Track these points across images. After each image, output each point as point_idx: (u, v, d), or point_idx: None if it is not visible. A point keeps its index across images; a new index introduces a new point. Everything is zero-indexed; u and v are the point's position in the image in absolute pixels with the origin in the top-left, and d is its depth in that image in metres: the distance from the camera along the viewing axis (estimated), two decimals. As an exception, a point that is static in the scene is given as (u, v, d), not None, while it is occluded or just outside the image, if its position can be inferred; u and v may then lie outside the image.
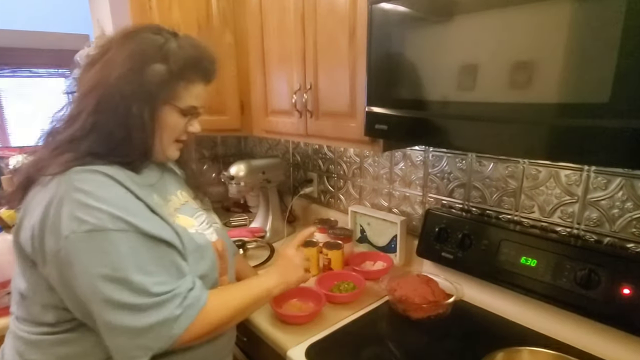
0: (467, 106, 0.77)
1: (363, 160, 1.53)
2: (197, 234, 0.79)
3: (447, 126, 0.81)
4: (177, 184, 0.89)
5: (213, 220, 0.89)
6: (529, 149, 0.73)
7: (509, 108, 0.72)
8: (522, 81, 0.69)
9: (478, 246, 1.12)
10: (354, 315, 1.09)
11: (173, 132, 0.78)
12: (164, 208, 0.76)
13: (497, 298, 1.10)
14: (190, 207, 0.86)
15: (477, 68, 0.75)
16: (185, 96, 0.75)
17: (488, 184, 1.16)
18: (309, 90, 1.17)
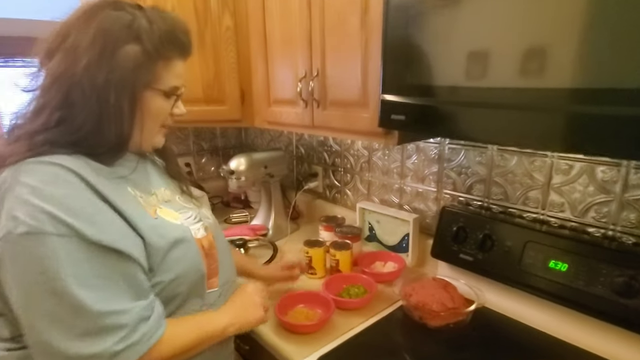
0: (501, 93, 0.67)
1: (372, 154, 1.43)
2: (179, 226, 0.71)
3: (478, 116, 0.71)
4: (161, 179, 0.81)
5: (203, 215, 0.81)
6: (574, 142, 0.63)
7: (549, 94, 0.62)
8: (566, 62, 0.59)
9: (501, 248, 1.02)
10: (365, 323, 1.00)
11: (158, 117, 0.72)
12: (143, 200, 0.69)
13: (522, 305, 1.01)
14: (177, 204, 0.78)
15: (511, 48, 0.65)
16: (166, 77, 0.69)
17: (511, 179, 1.06)
18: (316, 77, 1.07)
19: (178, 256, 0.67)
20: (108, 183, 0.63)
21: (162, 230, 0.66)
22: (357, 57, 0.96)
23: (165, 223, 0.69)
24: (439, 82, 0.75)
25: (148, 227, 0.64)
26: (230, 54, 1.35)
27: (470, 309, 0.96)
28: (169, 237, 0.67)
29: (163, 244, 0.65)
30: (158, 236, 0.65)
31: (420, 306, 0.97)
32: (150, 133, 0.73)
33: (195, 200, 0.86)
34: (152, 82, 0.67)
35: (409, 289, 1.04)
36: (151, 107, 0.68)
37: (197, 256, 0.71)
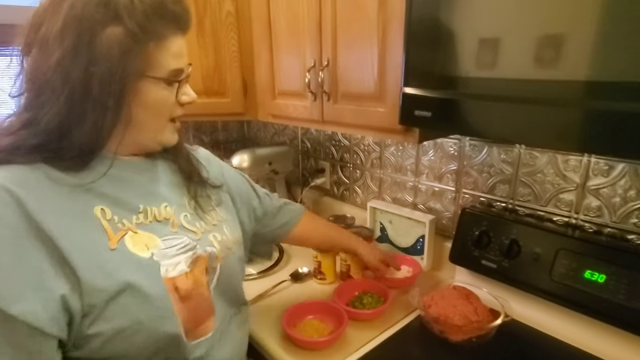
0: (560, 87, 0.57)
1: (383, 149, 1.33)
2: (144, 261, 0.57)
3: (528, 115, 0.61)
4: (171, 189, 0.68)
5: (205, 241, 0.67)
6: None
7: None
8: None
9: (529, 255, 0.93)
10: (381, 337, 0.92)
11: (162, 111, 0.61)
12: (110, 223, 0.56)
13: (552, 317, 0.92)
14: (169, 226, 0.64)
15: (581, 31, 0.55)
16: (162, 59, 0.57)
17: (540, 179, 0.96)
18: (326, 67, 0.97)
19: (128, 302, 0.54)
20: (65, 200, 0.53)
21: (112, 267, 0.54)
22: (373, 44, 0.86)
23: (123, 257, 0.55)
24: (476, 73, 0.65)
25: (92, 262, 0.52)
26: (231, 42, 1.25)
27: (497, 323, 0.87)
28: (119, 278, 0.53)
29: (108, 285, 0.52)
30: (104, 275, 0.52)
31: (442, 320, 0.88)
32: (156, 129, 0.62)
33: (210, 214, 0.72)
34: (145, 69, 0.55)
35: (427, 299, 0.96)
36: (150, 100, 0.58)
37: (160, 302, 0.57)
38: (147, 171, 0.66)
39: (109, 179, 0.57)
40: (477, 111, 0.66)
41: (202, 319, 0.64)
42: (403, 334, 0.93)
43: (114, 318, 0.53)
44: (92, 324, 0.52)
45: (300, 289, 1.13)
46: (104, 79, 0.52)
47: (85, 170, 0.56)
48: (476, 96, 0.65)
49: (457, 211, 1.15)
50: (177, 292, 0.60)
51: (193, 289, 0.62)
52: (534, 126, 0.61)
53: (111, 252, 0.55)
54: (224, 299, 0.71)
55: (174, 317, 0.59)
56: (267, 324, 0.96)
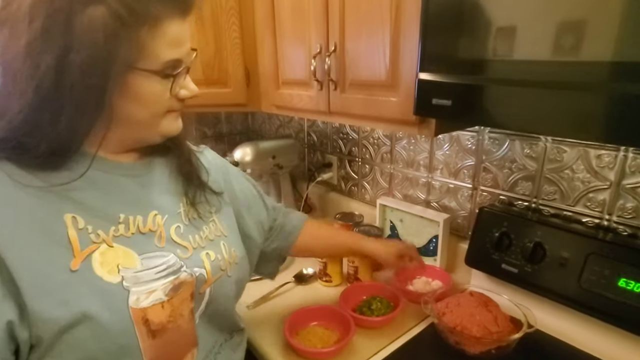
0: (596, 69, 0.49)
1: (394, 143, 1.25)
2: (109, 288, 0.49)
3: (564, 102, 0.53)
4: (165, 194, 0.60)
5: (196, 260, 0.58)
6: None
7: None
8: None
9: (555, 259, 0.85)
10: (390, 347, 0.85)
11: (156, 106, 0.52)
12: (79, 235, 0.48)
13: (581, 329, 0.84)
14: (150, 242, 0.55)
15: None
16: (157, 48, 0.48)
17: (568, 176, 0.88)
18: (333, 52, 0.89)
19: (83, 336, 0.45)
20: (27, 206, 0.46)
21: (69, 293, 0.45)
22: (385, 26, 0.77)
23: (85, 281, 0.47)
24: (504, 54, 0.56)
25: (44, 286, 0.44)
26: (232, 28, 1.17)
27: (519, 335, 0.79)
28: (75, 307, 0.45)
29: (60, 315, 0.44)
30: (57, 303, 0.44)
31: (458, 330, 0.81)
32: (149, 125, 0.53)
33: (209, 225, 0.64)
34: (135, 59, 0.46)
35: (441, 305, 0.88)
36: (139, 94, 0.49)
37: (121, 339, 0.49)
38: (139, 175, 0.57)
39: (88, 182, 0.49)
40: (505, 98, 0.58)
41: (176, 356, 0.55)
42: (415, 344, 0.86)
43: (63, 354, 0.45)
44: (42, 358, 0.45)
45: (304, 291, 1.07)
46: (84, 70, 0.43)
47: (59, 171, 0.48)
48: (504, 81, 0.56)
49: (474, 210, 1.07)
50: (147, 325, 0.51)
51: (169, 322, 0.53)
52: (568, 114, 0.53)
53: (70, 274, 0.46)
54: (211, 327, 0.62)
55: (139, 356, 0.50)
56: (268, 331, 0.89)
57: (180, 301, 0.55)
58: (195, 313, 0.58)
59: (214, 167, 0.73)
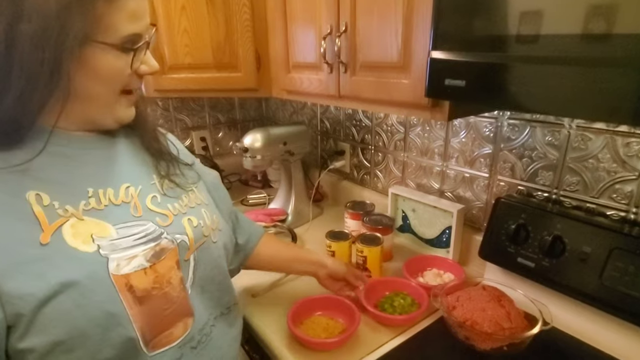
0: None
1: (408, 130, 1.20)
2: (85, 257, 0.47)
3: (587, 78, 0.48)
4: (134, 168, 0.59)
5: (177, 227, 0.57)
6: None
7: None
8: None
9: (575, 254, 0.80)
10: (397, 339, 0.82)
11: (114, 82, 0.51)
12: (46, 211, 0.46)
13: (601, 328, 0.79)
14: (126, 213, 0.53)
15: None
16: (115, 21, 0.46)
17: (593, 166, 0.82)
18: (344, 32, 0.85)
19: (64, 308, 0.44)
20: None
21: (41, 267, 0.44)
22: (398, 3, 0.73)
23: (58, 252, 0.45)
24: (525, 28, 0.51)
25: (15, 262, 0.43)
26: (243, 10, 1.14)
27: (533, 332, 0.75)
28: (50, 280, 0.43)
29: (37, 289, 0.43)
30: (31, 277, 0.43)
31: (468, 325, 0.77)
32: (105, 103, 0.52)
33: (188, 194, 0.62)
34: (93, 32, 0.45)
35: (452, 299, 0.84)
36: (98, 70, 0.48)
37: (106, 306, 0.47)
38: (103, 148, 0.56)
39: (49, 157, 0.48)
40: (525, 77, 0.53)
41: (166, 325, 0.53)
42: (422, 338, 0.83)
43: (47, 329, 0.43)
44: (23, 338, 0.43)
45: (311, 280, 1.04)
46: (36, 41, 0.41)
47: (15, 149, 0.46)
48: (525, 58, 0.52)
49: (491, 201, 1.02)
50: (132, 292, 0.49)
51: (154, 288, 0.51)
52: (598, 93, 0.48)
53: (41, 248, 0.45)
54: (206, 298, 0.61)
55: (128, 323, 0.49)
56: (273, 319, 0.88)
57: (166, 269, 0.54)
58: (186, 283, 0.57)
59: (181, 148, 0.72)
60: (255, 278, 1.04)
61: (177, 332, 0.54)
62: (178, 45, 1.18)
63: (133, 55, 0.50)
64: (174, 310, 0.54)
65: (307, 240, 1.25)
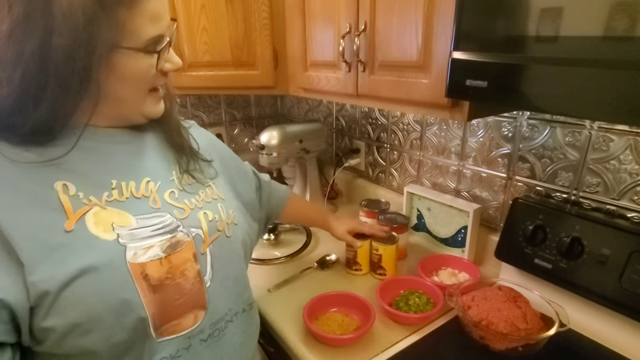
0: None
1: (425, 129, 1.20)
2: (104, 244, 0.49)
3: (610, 81, 0.48)
4: (156, 163, 0.60)
5: (193, 220, 0.59)
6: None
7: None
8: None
9: (593, 256, 0.79)
10: (412, 337, 0.83)
11: (141, 82, 0.53)
12: (72, 200, 0.49)
13: (619, 331, 0.79)
14: (145, 205, 0.55)
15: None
16: (138, 26, 0.48)
17: (614, 167, 0.81)
18: (363, 32, 0.85)
19: (82, 292, 0.46)
20: (16, 177, 0.47)
21: (64, 252, 0.46)
22: (418, 2, 0.73)
23: (80, 240, 0.48)
24: (550, 30, 0.51)
25: (41, 247, 0.45)
26: (262, 8, 1.15)
27: (550, 334, 0.75)
28: (71, 264, 0.46)
29: (59, 272, 0.45)
30: (53, 262, 0.45)
31: (483, 325, 0.77)
32: (135, 102, 0.55)
33: (205, 189, 0.64)
34: (119, 39, 0.47)
35: (467, 299, 0.84)
36: (125, 73, 0.50)
37: (122, 293, 0.49)
38: (128, 142, 0.58)
39: (78, 151, 0.50)
40: (549, 79, 0.53)
41: (176, 314, 0.54)
42: (437, 337, 0.83)
43: (66, 311, 0.46)
44: (45, 318, 0.46)
45: (326, 277, 1.06)
46: (67, 53, 0.44)
47: (49, 146, 0.49)
48: (549, 60, 0.52)
49: (508, 201, 1.02)
50: (147, 280, 0.51)
51: (167, 278, 0.53)
52: (621, 96, 0.47)
53: (66, 234, 0.47)
54: (224, 294, 0.61)
55: (142, 310, 0.50)
56: (288, 314, 0.89)
57: (181, 261, 0.55)
58: (204, 276, 0.58)
59: (203, 139, 0.73)
60: (270, 273, 1.06)
61: (186, 322, 0.56)
62: (197, 43, 1.20)
63: (158, 56, 0.52)
64: (185, 301, 0.55)
65: (321, 237, 1.26)
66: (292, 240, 1.23)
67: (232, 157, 0.81)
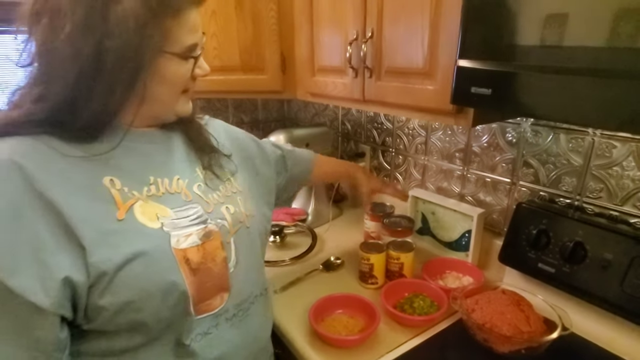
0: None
1: (430, 133, 1.22)
2: (152, 232, 0.55)
3: (614, 90, 0.49)
4: (184, 162, 0.65)
5: (217, 213, 0.64)
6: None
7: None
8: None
9: (596, 261, 0.81)
10: (416, 340, 0.84)
11: (177, 85, 0.59)
12: (120, 193, 0.54)
13: (621, 335, 0.80)
14: (181, 198, 0.61)
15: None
16: (179, 35, 0.54)
17: (617, 174, 0.82)
18: (370, 39, 0.87)
19: (136, 273, 0.52)
20: (72, 171, 0.51)
21: (119, 238, 0.52)
22: (425, 11, 0.75)
23: (131, 227, 0.54)
24: (555, 39, 0.53)
25: (98, 233, 0.50)
26: (270, 14, 1.17)
27: (552, 337, 0.76)
28: (126, 249, 0.51)
29: (115, 256, 0.51)
30: (110, 247, 0.51)
31: (487, 328, 0.79)
32: (170, 102, 0.61)
33: (225, 184, 0.69)
34: (163, 44, 0.53)
35: (471, 302, 0.86)
36: (167, 76, 0.56)
37: (170, 274, 0.55)
38: (161, 142, 0.63)
39: (120, 149, 0.55)
40: (552, 87, 0.54)
41: (207, 296, 0.60)
42: (441, 339, 0.85)
43: (121, 290, 0.51)
44: (102, 296, 0.50)
45: (330, 279, 1.07)
46: (119, 55, 0.48)
47: (95, 142, 0.54)
48: (552, 69, 0.53)
49: (512, 205, 1.03)
50: (188, 264, 0.57)
51: (201, 263, 0.59)
52: (623, 105, 0.49)
53: (118, 222, 0.52)
54: (247, 279, 0.67)
55: (185, 290, 0.56)
56: (294, 315, 0.91)
57: (213, 248, 0.61)
58: (229, 262, 0.64)
59: (220, 132, 0.78)
60: (276, 275, 1.08)
61: (215, 302, 0.62)
62: (207, 49, 1.22)
63: (194, 62, 0.58)
64: (214, 284, 0.61)
65: (326, 239, 1.28)
66: (297, 243, 1.25)
67: (249, 139, 0.85)
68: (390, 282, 0.98)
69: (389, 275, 1.04)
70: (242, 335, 0.66)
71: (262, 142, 0.90)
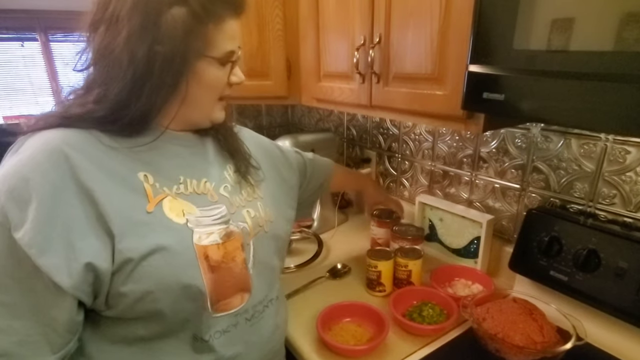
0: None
1: (437, 139, 1.21)
2: (177, 227, 0.58)
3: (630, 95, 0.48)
4: (214, 165, 0.68)
5: (240, 216, 0.67)
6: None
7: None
8: None
9: (610, 269, 0.79)
10: (426, 349, 0.82)
11: (215, 90, 0.63)
12: (152, 188, 0.58)
13: (638, 345, 0.77)
14: (207, 198, 0.64)
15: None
16: (219, 41, 0.58)
17: (631, 179, 0.81)
18: (377, 44, 0.87)
19: (158, 264, 0.55)
20: (112, 163, 0.55)
21: (146, 229, 0.55)
22: (434, 15, 0.74)
23: (158, 220, 0.57)
24: (571, 44, 0.51)
25: (128, 222, 0.54)
26: (276, 20, 1.17)
27: (566, 347, 0.74)
28: (150, 240, 0.55)
29: (140, 245, 0.54)
30: (137, 236, 0.54)
31: (499, 338, 0.77)
32: (207, 107, 0.64)
33: (248, 189, 0.72)
34: (205, 49, 0.57)
35: (482, 311, 0.84)
36: (205, 79, 0.60)
37: (189, 269, 0.58)
38: (193, 146, 0.67)
39: (155, 148, 0.59)
40: (565, 92, 0.53)
41: (227, 294, 0.63)
42: (451, 349, 0.83)
43: (142, 279, 0.54)
44: (125, 283, 0.53)
45: (337, 286, 1.06)
46: (167, 57, 0.53)
47: (134, 138, 0.58)
48: (565, 74, 0.52)
49: (522, 212, 1.01)
50: (207, 260, 0.59)
51: (222, 262, 0.61)
52: (636, 109, 0.48)
53: (147, 214, 0.56)
54: (262, 280, 0.69)
55: (203, 285, 0.58)
56: (301, 323, 0.89)
57: (233, 248, 0.64)
58: (248, 264, 0.66)
59: (250, 142, 0.80)
60: (282, 281, 1.06)
61: (234, 302, 0.64)
62: (212, 54, 1.22)
63: (231, 68, 0.62)
64: (234, 283, 0.63)
65: (332, 246, 1.26)
66: (303, 249, 1.24)
67: (274, 146, 0.90)
68: (398, 290, 0.97)
69: (396, 283, 1.02)
70: (257, 336, 0.69)
71: (286, 149, 0.93)
